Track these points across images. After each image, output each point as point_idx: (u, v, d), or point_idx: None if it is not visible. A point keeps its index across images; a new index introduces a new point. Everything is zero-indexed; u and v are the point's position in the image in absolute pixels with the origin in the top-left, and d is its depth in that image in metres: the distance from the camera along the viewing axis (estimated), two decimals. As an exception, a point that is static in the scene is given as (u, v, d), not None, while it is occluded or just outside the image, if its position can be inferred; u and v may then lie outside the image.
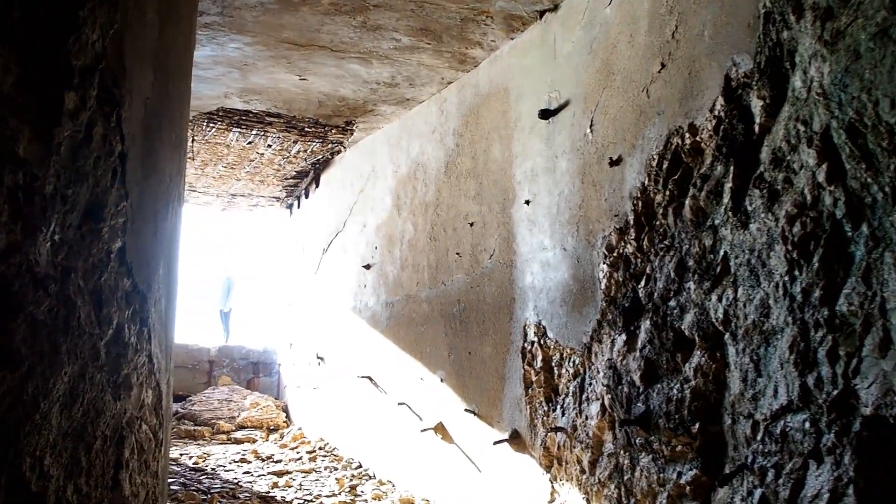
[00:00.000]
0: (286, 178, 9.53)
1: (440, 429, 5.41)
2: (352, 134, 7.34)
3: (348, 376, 7.28)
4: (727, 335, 2.77)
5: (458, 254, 5.45)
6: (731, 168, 2.79)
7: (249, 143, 7.81)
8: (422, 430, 5.51)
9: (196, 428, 8.78)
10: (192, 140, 7.70)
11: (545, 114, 4.42)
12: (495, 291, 4.91)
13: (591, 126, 3.97)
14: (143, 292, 2.08)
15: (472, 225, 5.29)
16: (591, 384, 3.75)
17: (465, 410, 5.09)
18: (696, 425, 2.87)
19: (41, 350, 1.48)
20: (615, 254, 3.62)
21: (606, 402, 3.56)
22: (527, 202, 4.60)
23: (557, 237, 4.23)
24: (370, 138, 7.34)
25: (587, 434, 3.71)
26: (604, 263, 3.70)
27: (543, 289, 4.33)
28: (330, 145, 7.88)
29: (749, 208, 2.69)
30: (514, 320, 4.66)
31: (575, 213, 4.07)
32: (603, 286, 3.69)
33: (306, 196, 9.68)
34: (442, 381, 5.48)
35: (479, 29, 4.71)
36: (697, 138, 3.04)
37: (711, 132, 2.94)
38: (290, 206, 11.05)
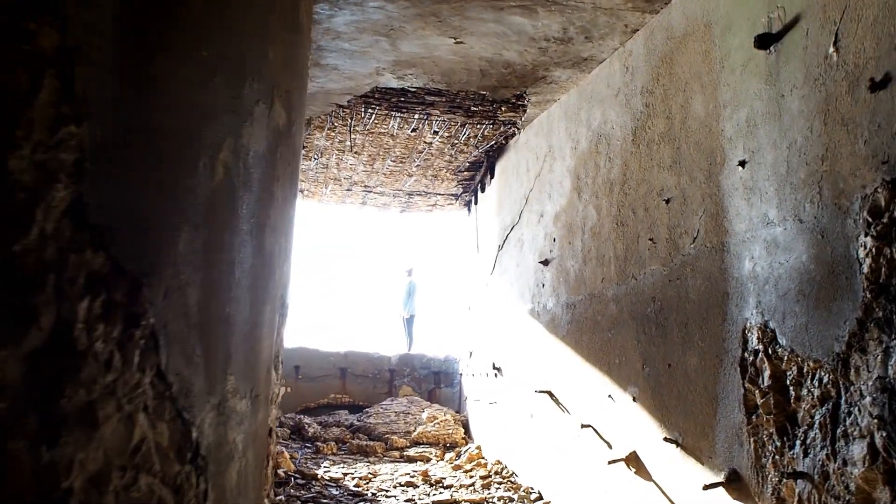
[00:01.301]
0: (460, 171, 8.96)
1: (633, 460, 4.43)
2: (524, 111, 6.56)
3: (526, 390, 6.48)
4: None
5: (651, 240, 4.45)
6: None
7: (414, 130, 7.30)
8: (610, 462, 4.56)
9: (369, 443, 8.43)
10: (353, 130, 7.32)
11: (764, 41, 3.35)
12: (701, 285, 3.86)
13: (835, 42, 2.86)
14: (132, 274, 1.43)
15: (668, 202, 4.27)
16: (850, 413, 2.63)
17: (666, 440, 4.08)
18: None
19: None
20: (885, 219, 2.49)
21: (878, 442, 2.44)
22: (741, 164, 3.53)
23: (788, 205, 3.13)
24: (545, 115, 6.51)
25: (847, 487, 2.59)
26: (866, 235, 2.58)
27: (770, 278, 3.25)
28: (502, 127, 7.15)
29: None
30: (728, 322, 3.59)
31: (815, 168, 2.96)
32: (866, 269, 2.57)
33: (482, 189, 9.04)
34: (634, 399, 4.50)
35: (669, -58, 3.72)
36: None
37: None
38: (467, 204, 10.50)
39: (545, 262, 6.20)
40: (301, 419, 9.76)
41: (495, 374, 7.63)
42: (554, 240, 6.10)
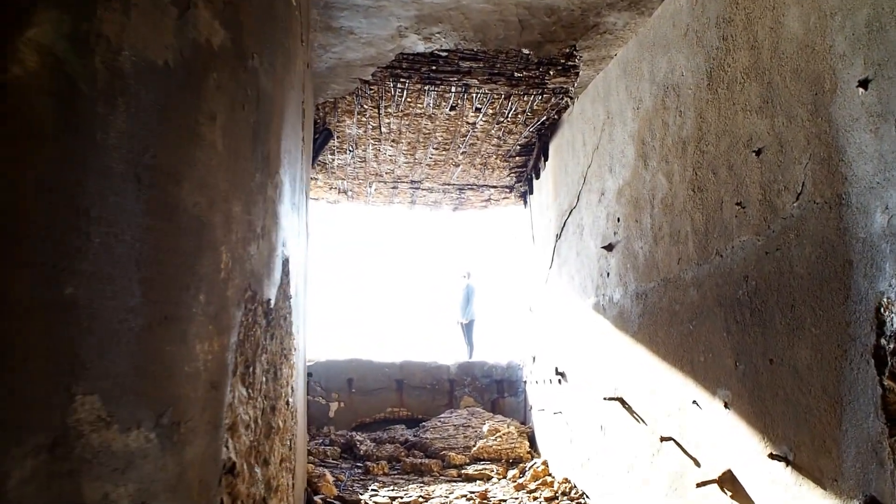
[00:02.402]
0: (510, 157, 8.15)
1: (728, 482, 3.54)
2: (576, 74, 5.73)
3: (593, 398, 5.61)
4: None
5: (738, 204, 3.57)
6: None
7: (453, 108, 6.55)
8: (699, 484, 3.67)
9: (424, 461, 7.68)
10: (385, 112, 6.62)
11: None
12: (811, 253, 2.97)
13: None
14: None
15: (758, 153, 3.39)
16: None
17: (771, 456, 3.19)
18: None
19: None
20: None
21: None
22: (862, 84, 2.64)
23: (943, 125, 2.24)
24: (600, 77, 5.66)
25: None
26: None
27: (917, 231, 2.35)
28: (552, 98, 6.33)
29: None
30: (853, 299, 2.70)
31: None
32: None
33: (536, 175, 8.21)
34: (727, 405, 3.61)
35: None
36: None
37: None
38: (523, 196, 9.68)
39: (609, 248, 5.34)
40: (353, 436, 9.10)
41: (559, 381, 6.78)
42: (618, 220, 5.23)
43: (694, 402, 3.97)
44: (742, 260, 3.53)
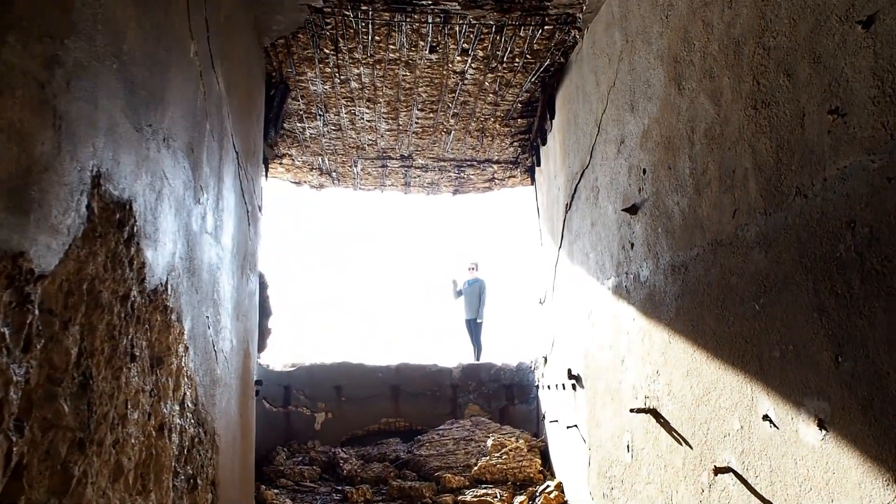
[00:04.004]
0: (511, 118, 6.90)
1: (832, 546, 2.27)
2: (585, -8, 4.47)
3: (616, 408, 4.35)
4: None
5: (833, 112, 2.31)
6: None
7: (434, 50, 5.32)
8: (782, 546, 2.41)
9: (415, 484, 6.44)
10: (351, 59, 5.40)
11: None
12: None
13: None
14: None
15: (868, 23, 2.14)
16: None
17: (915, 512, 1.93)
18: None
19: None
20: None
21: None
22: None
23: None
24: (617, -8, 4.41)
25: None
26: None
27: None
28: (556, 33, 5.08)
29: None
30: None
31: None
32: None
33: (543, 141, 6.95)
34: (823, 424, 2.35)
35: None
36: None
37: None
38: (530, 171, 8.43)
39: (632, 209, 4.08)
40: (336, 453, 7.90)
41: (572, 386, 5.51)
42: (643, 172, 3.98)
43: (766, 417, 2.70)
44: (843, 197, 2.27)
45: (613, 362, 4.44)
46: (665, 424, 3.62)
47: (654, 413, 3.73)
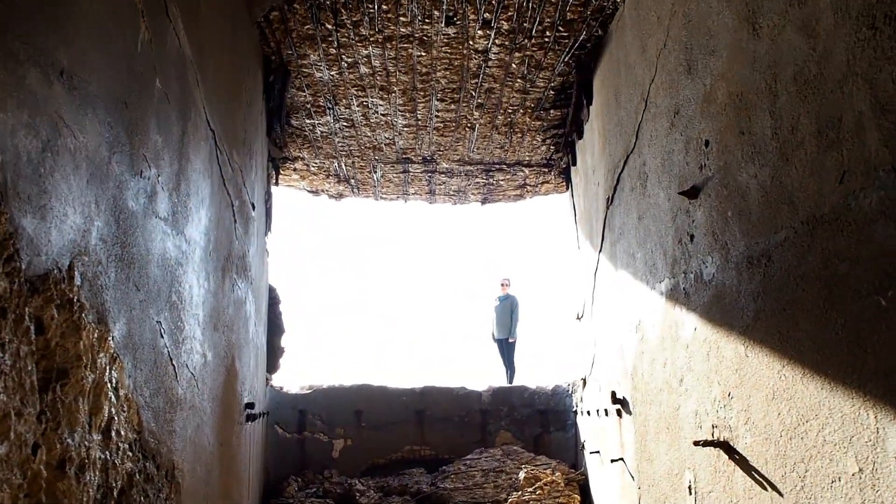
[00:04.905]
0: (543, 108, 6.17)
1: None
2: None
3: (674, 439, 3.55)
4: None
5: None
6: None
7: (451, 22, 4.63)
8: None
9: (436, 521, 5.67)
10: (357, 34, 4.73)
11: None
12: None
13: None
14: None
15: None
16: None
17: None
18: None
19: None
20: None
21: None
22: None
23: None
24: (667, -64, 3.67)
25: None
26: None
27: None
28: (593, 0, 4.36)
29: None
30: None
31: None
32: None
33: (579, 135, 6.20)
34: None
35: None
36: None
37: None
38: (564, 174, 7.68)
39: (692, 192, 3.30)
40: (353, 485, 7.15)
41: (617, 412, 4.70)
42: (705, 144, 3.21)
43: (903, 458, 1.90)
44: None
45: (669, 383, 3.64)
46: (741, 462, 2.81)
47: (726, 447, 2.92)
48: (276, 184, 7.84)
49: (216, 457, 3.63)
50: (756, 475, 2.70)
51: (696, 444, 3.05)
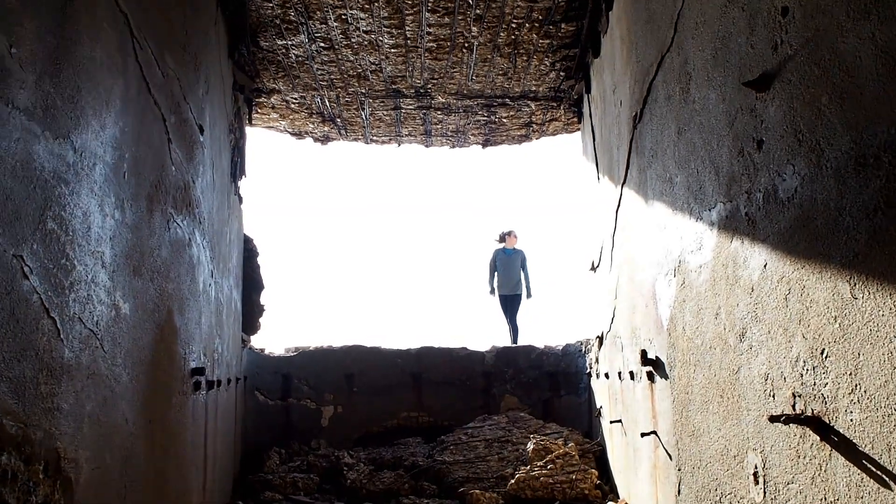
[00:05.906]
0: (553, 23, 5.28)
1: None
2: None
3: (730, 409, 2.75)
4: None
5: None
6: None
7: None
8: None
9: (433, 501, 4.91)
10: None
11: None
12: None
13: None
14: None
15: None
16: None
17: None
18: None
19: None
20: None
21: None
22: None
23: None
24: None
25: None
26: None
27: None
28: None
29: None
30: None
31: None
32: None
33: (595, 52, 5.31)
34: None
35: None
36: None
37: None
38: (576, 108, 6.82)
39: (760, 82, 2.45)
40: (340, 458, 6.43)
41: (648, 375, 3.91)
42: (783, 12, 2.35)
43: None
44: None
45: (724, 339, 2.83)
46: (842, 446, 2.02)
47: (817, 424, 2.12)
48: (251, 122, 7.00)
49: (141, 438, 2.85)
50: (870, 466, 1.90)
51: (774, 419, 2.25)
